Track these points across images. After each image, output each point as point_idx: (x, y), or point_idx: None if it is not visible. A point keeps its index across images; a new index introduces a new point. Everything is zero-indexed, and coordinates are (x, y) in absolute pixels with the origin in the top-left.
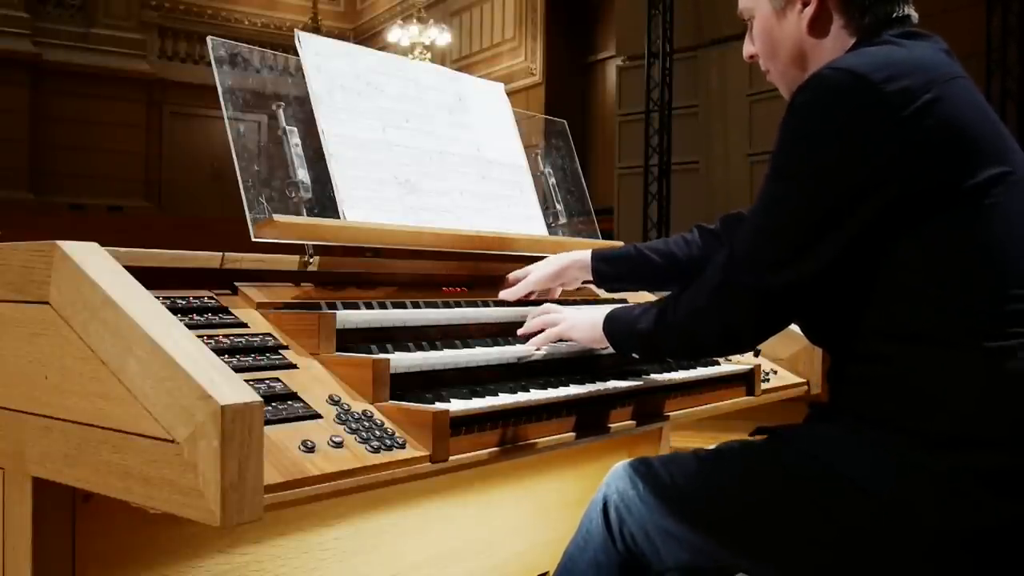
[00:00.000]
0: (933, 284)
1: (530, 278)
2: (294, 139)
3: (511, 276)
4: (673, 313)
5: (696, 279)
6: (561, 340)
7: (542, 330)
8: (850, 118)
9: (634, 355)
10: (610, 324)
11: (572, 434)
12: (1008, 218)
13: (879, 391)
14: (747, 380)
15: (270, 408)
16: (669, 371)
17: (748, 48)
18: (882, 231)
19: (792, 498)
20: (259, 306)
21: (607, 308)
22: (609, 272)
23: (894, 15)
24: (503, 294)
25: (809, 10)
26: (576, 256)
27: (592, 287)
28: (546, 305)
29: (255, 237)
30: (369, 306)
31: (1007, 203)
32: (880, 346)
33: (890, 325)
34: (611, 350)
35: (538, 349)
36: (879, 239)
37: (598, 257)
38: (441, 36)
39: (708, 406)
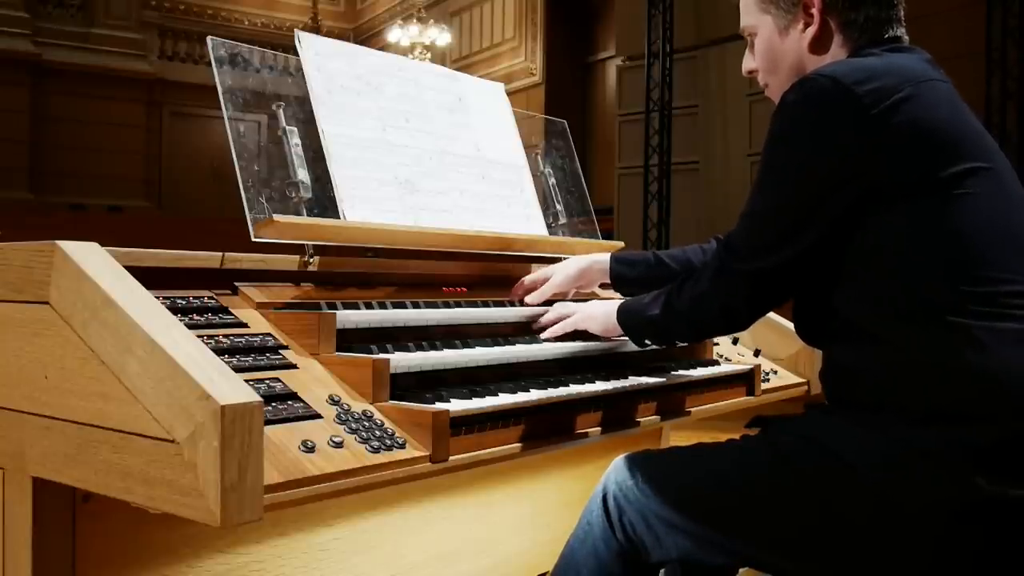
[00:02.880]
0: (907, 267)
1: (554, 280)
2: (294, 139)
3: (528, 280)
4: (678, 299)
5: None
6: (576, 330)
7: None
8: (824, 117)
9: (647, 342)
10: (623, 315)
11: (573, 435)
12: (982, 207)
13: (865, 374)
14: (747, 380)
15: (270, 408)
16: (668, 372)
17: (748, 63)
18: (856, 219)
19: (786, 480)
20: (259, 306)
21: (619, 300)
22: (627, 275)
23: (886, 35)
24: (529, 299)
25: (811, 30)
26: (596, 258)
27: (598, 290)
28: (558, 303)
29: (255, 237)
30: (369, 306)
31: (983, 193)
32: (862, 330)
33: (869, 308)
34: (626, 339)
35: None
36: (854, 226)
37: (617, 260)
38: (441, 36)
39: (708, 406)
